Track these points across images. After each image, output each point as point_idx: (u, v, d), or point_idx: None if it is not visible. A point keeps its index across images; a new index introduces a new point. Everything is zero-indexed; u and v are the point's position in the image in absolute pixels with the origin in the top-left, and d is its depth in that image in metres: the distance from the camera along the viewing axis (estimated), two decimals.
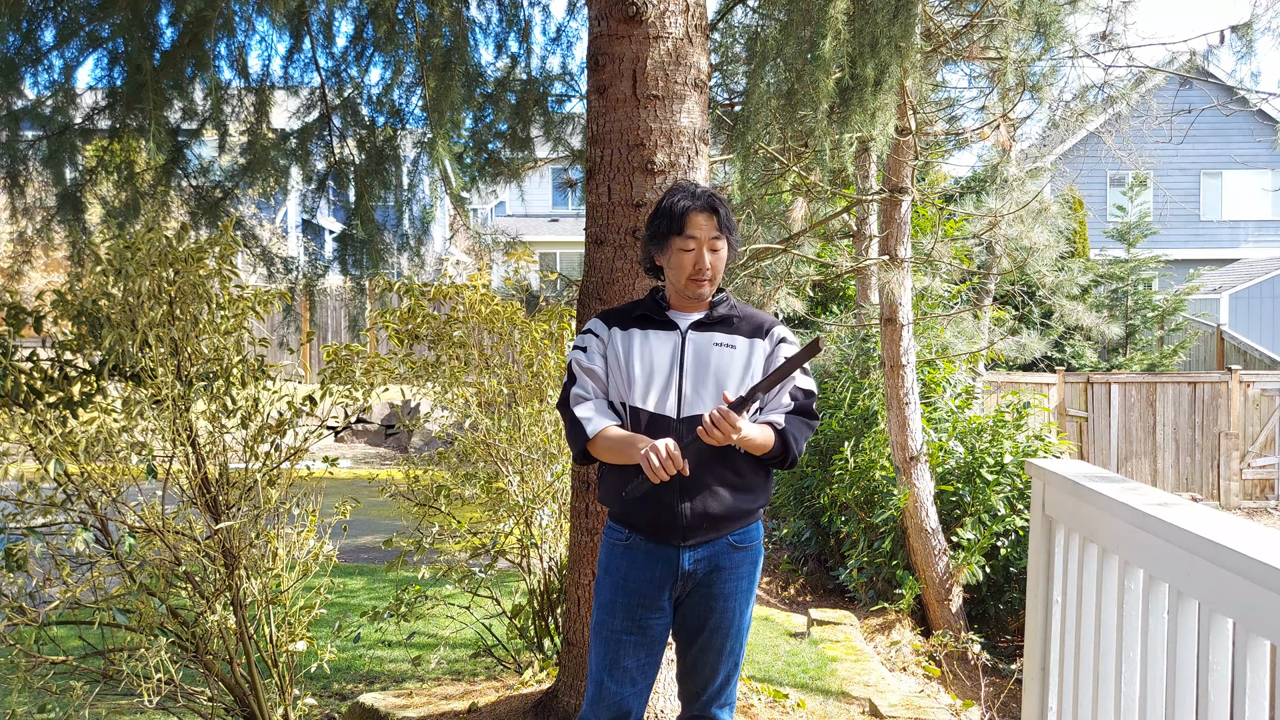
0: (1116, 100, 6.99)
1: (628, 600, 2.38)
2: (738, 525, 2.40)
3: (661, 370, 2.37)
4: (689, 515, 2.32)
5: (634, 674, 2.39)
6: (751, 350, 2.40)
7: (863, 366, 8.32)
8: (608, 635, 2.40)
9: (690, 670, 2.48)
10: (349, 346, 3.69)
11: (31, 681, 3.04)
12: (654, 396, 2.35)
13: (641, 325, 2.42)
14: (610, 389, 2.43)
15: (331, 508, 3.68)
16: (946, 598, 6.89)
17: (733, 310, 2.46)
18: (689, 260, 2.36)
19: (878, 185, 7.59)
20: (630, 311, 2.48)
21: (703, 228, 2.36)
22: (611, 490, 2.41)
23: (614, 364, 2.41)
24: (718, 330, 2.41)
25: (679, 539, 2.34)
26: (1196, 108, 7.57)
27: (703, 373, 2.35)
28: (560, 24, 4.89)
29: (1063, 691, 2.58)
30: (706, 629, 2.41)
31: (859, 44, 3.70)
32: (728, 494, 2.35)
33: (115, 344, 3.06)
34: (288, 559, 3.44)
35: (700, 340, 2.39)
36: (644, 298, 2.52)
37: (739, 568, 2.42)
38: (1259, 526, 1.91)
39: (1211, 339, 14.65)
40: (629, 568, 2.39)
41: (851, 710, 4.09)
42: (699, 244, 2.36)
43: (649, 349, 2.39)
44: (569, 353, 2.51)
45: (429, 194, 4.76)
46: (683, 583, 2.38)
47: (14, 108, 4.12)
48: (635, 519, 2.38)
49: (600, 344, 2.44)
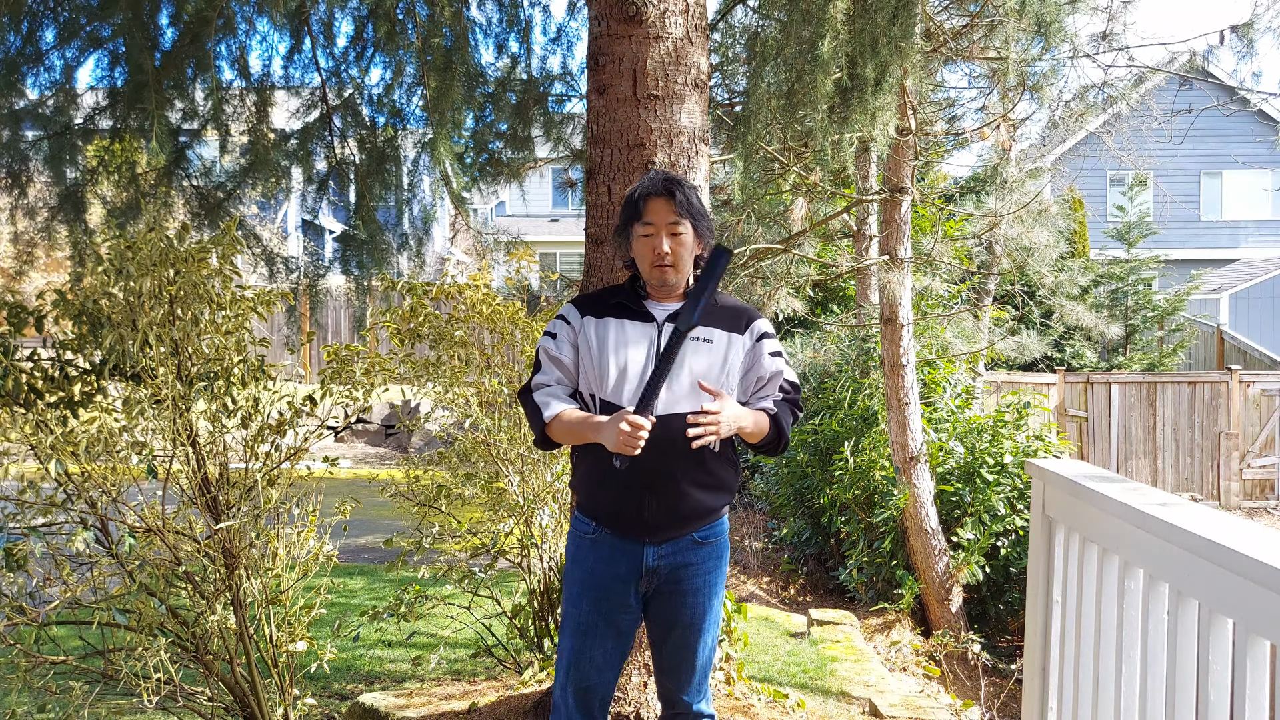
0: (1116, 100, 6.99)
1: (595, 594, 2.37)
2: (703, 523, 2.39)
3: (636, 365, 2.32)
4: (655, 512, 2.31)
5: (600, 664, 2.39)
6: (730, 345, 2.36)
7: (863, 366, 8.32)
8: (575, 626, 2.39)
9: (667, 668, 2.48)
10: (349, 346, 3.69)
11: (31, 681, 3.04)
12: (628, 392, 2.31)
13: (617, 314, 2.37)
14: (581, 380, 2.39)
15: (331, 508, 3.68)
16: (946, 598, 6.90)
17: (711, 300, 2.39)
18: (648, 246, 2.32)
19: (878, 185, 7.59)
20: (607, 299, 2.41)
21: (659, 212, 2.31)
22: (585, 476, 2.39)
23: (585, 354, 2.36)
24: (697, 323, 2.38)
25: (644, 535, 2.34)
26: (1196, 108, 7.57)
27: (678, 368, 2.31)
28: (560, 24, 4.89)
29: (1063, 691, 2.58)
30: (679, 626, 2.41)
31: (859, 44, 3.70)
32: (695, 492, 2.33)
33: (116, 344, 3.06)
34: (288, 559, 3.44)
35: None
36: (623, 284, 2.46)
37: (705, 563, 2.40)
38: (1259, 526, 1.91)
39: (1211, 339, 14.65)
40: (595, 561, 2.38)
41: (851, 710, 4.09)
42: (656, 229, 2.31)
43: (624, 341, 2.33)
44: (540, 339, 2.47)
45: (430, 194, 4.76)
46: (648, 579, 2.37)
47: (15, 108, 4.12)
48: (601, 513, 2.37)
49: (571, 332, 2.39)
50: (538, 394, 2.38)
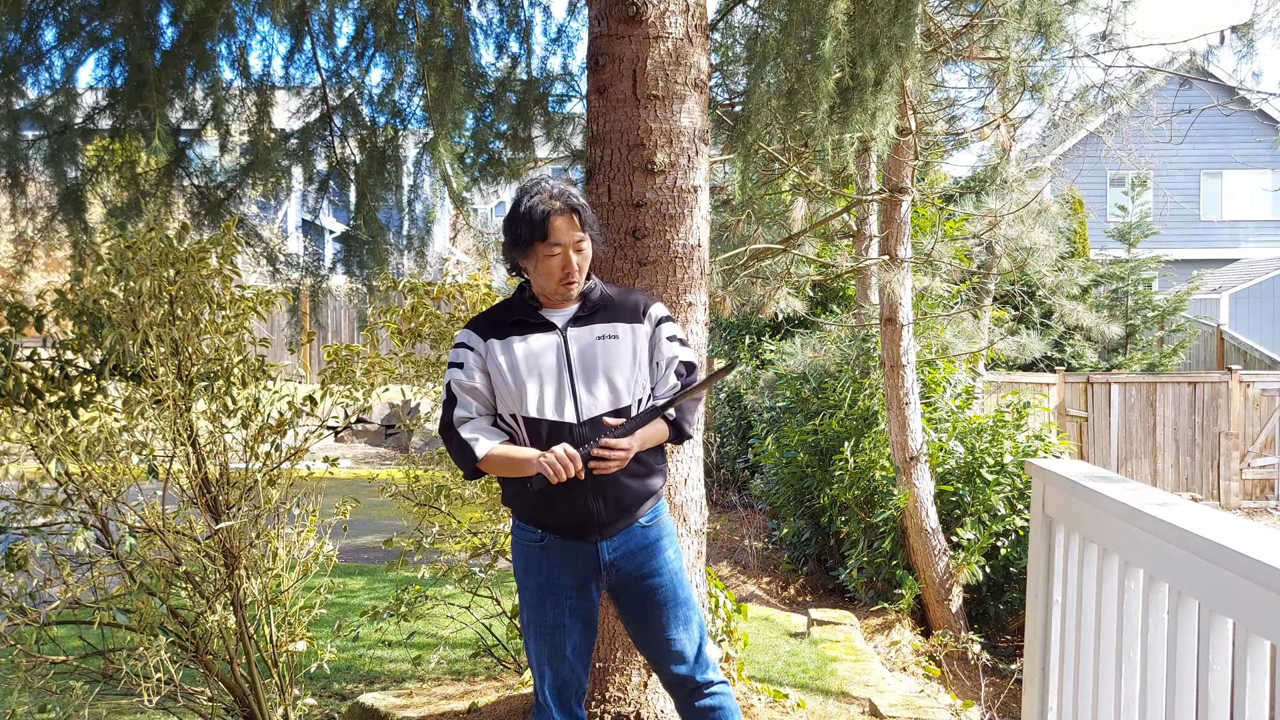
0: (1116, 100, 6.99)
1: (555, 596, 2.40)
2: (647, 507, 2.44)
3: (550, 376, 2.33)
4: (604, 510, 2.34)
5: (572, 660, 2.43)
6: (635, 336, 2.40)
7: (863, 366, 8.32)
8: (541, 632, 2.42)
9: (661, 654, 2.49)
10: (349, 347, 3.69)
11: (32, 681, 3.04)
12: (549, 404, 2.32)
13: (519, 330, 2.37)
14: (499, 403, 2.38)
15: (332, 508, 3.68)
16: (946, 598, 6.90)
17: (604, 296, 2.43)
18: (556, 265, 2.32)
19: (878, 185, 7.59)
20: (502, 317, 2.42)
21: (565, 231, 2.31)
22: (515, 493, 2.40)
23: (497, 377, 2.36)
24: (596, 322, 2.39)
25: (596, 535, 2.37)
26: (1196, 108, 7.57)
27: (592, 370, 2.34)
28: (561, 24, 4.88)
29: (1063, 691, 2.58)
30: (654, 608, 2.44)
31: (859, 44, 3.70)
32: (633, 482, 2.37)
33: (116, 343, 3.06)
34: (288, 559, 3.44)
35: (581, 336, 2.37)
36: (512, 298, 2.46)
37: (658, 542, 2.45)
38: (1259, 526, 1.91)
39: (1211, 339, 14.65)
40: (549, 567, 2.40)
41: (851, 710, 4.09)
42: (564, 249, 2.31)
43: (531, 355, 2.34)
44: (446, 372, 2.45)
45: (430, 194, 4.76)
46: (607, 573, 2.40)
47: (15, 107, 4.12)
48: (549, 521, 2.38)
49: (478, 358, 2.38)
50: (463, 429, 2.36)
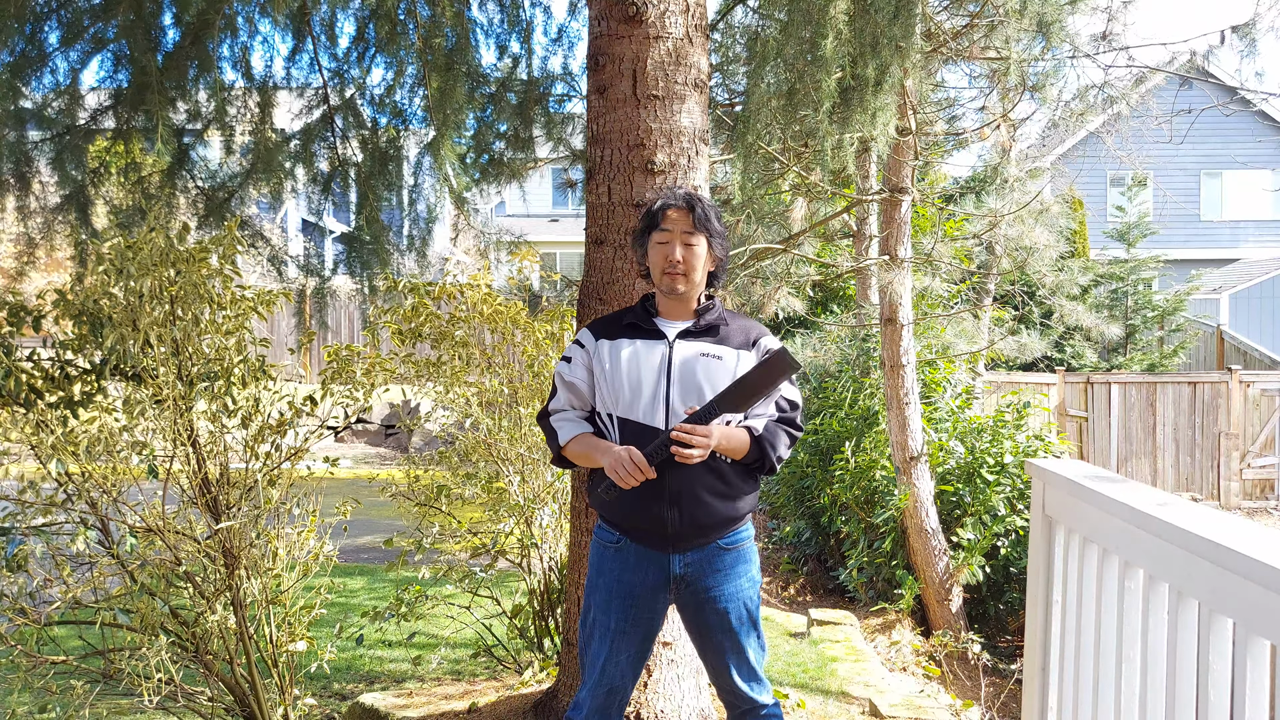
0: (1116, 100, 6.99)
1: (624, 601, 2.42)
2: (726, 531, 2.43)
3: (649, 382, 2.38)
4: (677, 524, 2.35)
5: (625, 668, 2.46)
6: (739, 362, 2.41)
7: (863, 366, 8.32)
8: (603, 632, 2.44)
9: (719, 670, 2.51)
10: (349, 347, 3.69)
11: (32, 681, 3.04)
12: (641, 408, 2.37)
13: (630, 334, 2.45)
14: (598, 401, 2.47)
15: (332, 508, 3.69)
16: (946, 598, 6.90)
17: (721, 318, 2.47)
18: (662, 253, 2.41)
19: (878, 185, 7.59)
20: (619, 320, 2.51)
21: (676, 221, 2.40)
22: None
23: (600, 376, 2.44)
24: (705, 339, 2.43)
25: (667, 547, 2.38)
26: (1196, 108, 7.57)
27: (689, 383, 2.37)
28: (561, 25, 4.89)
29: (1063, 691, 2.58)
30: (718, 630, 2.45)
31: (859, 44, 3.70)
32: (715, 502, 2.37)
33: (116, 344, 3.06)
34: (288, 559, 3.45)
35: (687, 350, 2.41)
36: (635, 305, 2.55)
37: (734, 567, 2.44)
38: (1259, 526, 1.91)
39: (1211, 339, 14.65)
40: (622, 570, 2.43)
41: (851, 710, 4.10)
42: (671, 237, 2.40)
43: (636, 359, 2.40)
44: (557, 363, 2.57)
45: (432, 194, 4.76)
46: (676, 586, 2.42)
47: (20, 109, 4.12)
48: (625, 524, 2.41)
49: (585, 356, 2.48)
50: (554, 419, 2.51)
